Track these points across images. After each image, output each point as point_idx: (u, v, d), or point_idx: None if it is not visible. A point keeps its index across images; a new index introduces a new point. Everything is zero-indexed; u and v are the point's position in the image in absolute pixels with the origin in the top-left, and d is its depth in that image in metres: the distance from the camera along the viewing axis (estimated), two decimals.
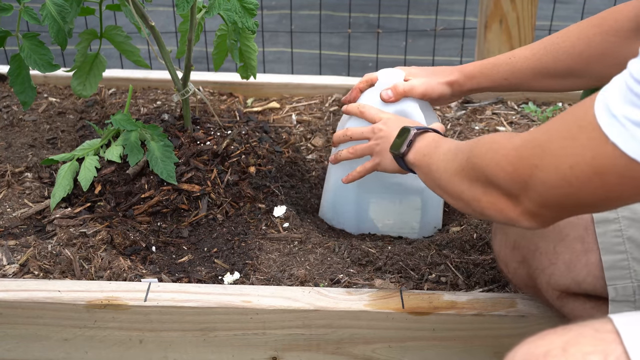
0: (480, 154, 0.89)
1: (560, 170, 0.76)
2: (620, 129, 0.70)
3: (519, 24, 1.95)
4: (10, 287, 1.12)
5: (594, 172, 0.73)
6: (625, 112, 0.69)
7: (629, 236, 0.96)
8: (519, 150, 0.82)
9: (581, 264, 0.98)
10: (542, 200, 0.81)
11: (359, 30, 3.47)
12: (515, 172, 0.82)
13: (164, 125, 1.43)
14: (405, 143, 1.10)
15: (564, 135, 0.76)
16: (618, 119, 0.70)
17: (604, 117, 0.71)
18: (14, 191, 1.38)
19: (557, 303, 1.03)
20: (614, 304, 0.96)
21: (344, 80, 1.77)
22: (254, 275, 1.21)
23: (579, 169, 0.74)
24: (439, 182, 1.00)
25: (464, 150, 0.94)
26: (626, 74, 0.70)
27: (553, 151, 0.77)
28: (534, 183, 0.80)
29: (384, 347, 1.13)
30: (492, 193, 0.87)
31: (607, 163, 0.72)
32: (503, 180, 0.84)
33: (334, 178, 1.36)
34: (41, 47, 1.32)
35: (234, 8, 1.26)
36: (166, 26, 3.28)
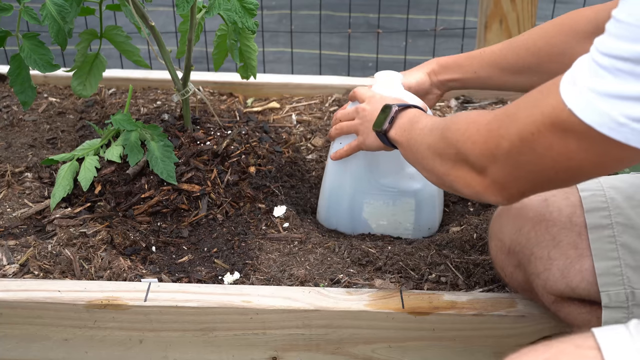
0: (454, 129, 0.91)
1: (523, 137, 0.79)
2: (578, 96, 0.72)
3: (519, 24, 1.95)
4: (10, 287, 1.12)
5: (555, 136, 0.75)
6: (587, 81, 0.72)
7: (622, 242, 0.96)
8: (490, 123, 0.85)
9: (575, 270, 0.98)
10: (507, 170, 0.83)
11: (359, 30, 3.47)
12: (485, 144, 0.84)
13: (164, 125, 1.43)
14: (387, 120, 1.13)
15: (529, 104, 0.79)
16: (578, 87, 0.72)
17: (565, 86, 0.74)
18: (14, 191, 1.38)
19: (552, 307, 1.03)
20: (607, 310, 0.96)
21: (344, 80, 1.77)
22: (254, 275, 1.21)
23: (540, 135, 0.77)
24: (416, 157, 1.03)
25: (439, 126, 0.96)
26: (592, 49, 0.73)
27: (518, 120, 0.80)
28: (500, 153, 0.82)
29: (384, 347, 1.13)
30: (461, 167, 0.90)
31: (565, 128, 0.74)
32: (472, 153, 0.86)
33: (329, 179, 1.36)
34: (41, 47, 1.32)
35: (234, 8, 1.26)
36: (166, 26, 3.28)
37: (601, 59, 0.71)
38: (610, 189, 0.99)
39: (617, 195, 0.98)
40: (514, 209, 1.05)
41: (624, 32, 0.69)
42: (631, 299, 0.95)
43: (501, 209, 1.09)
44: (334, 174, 1.35)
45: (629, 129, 0.69)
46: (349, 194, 1.34)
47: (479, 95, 1.76)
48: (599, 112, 0.70)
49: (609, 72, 0.70)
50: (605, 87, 0.70)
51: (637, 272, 0.95)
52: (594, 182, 1.01)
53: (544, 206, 1.02)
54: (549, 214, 1.01)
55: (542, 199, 1.03)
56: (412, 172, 1.32)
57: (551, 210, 1.01)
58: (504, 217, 1.07)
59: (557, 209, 1.01)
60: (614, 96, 0.69)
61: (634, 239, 0.96)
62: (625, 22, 0.69)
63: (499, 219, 1.08)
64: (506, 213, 1.07)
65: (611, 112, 0.69)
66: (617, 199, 0.98)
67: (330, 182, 1.36)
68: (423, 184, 1.34)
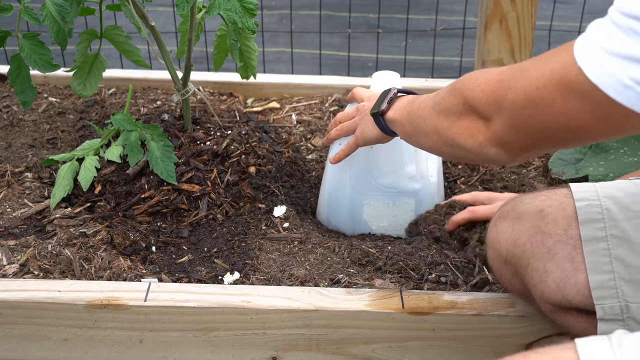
0: (464, 80, 0.92)
1: (528, 90, 0.79)
2: (590, 55, 0.72)
3: (519, 23, 1.95)
4: (10, 287, 1.12)
5: (558, 94, 0.75)
6: (600, 39, 0.71)
7: (616, 255, 0.94)
8: (502, 73, 0.85)
9: (570, 283, 0.97)
10: (509, 122, 0.83)
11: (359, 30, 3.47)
12: (492, 93, 0.85)
13: (164, 125, 1.43)
14: (385, 100, 1.14)
15: (543, 60, 0.79)
16: (591, 45, 0.72)
17: (579, 44, 0.73)
18: (14, 191, 1.38)
19: (550, 315, 1.02)
20: (602, 323, 0.95)
21: (344, 80, 1.77)
22: (254, 275, 1.21)
23: (544, 90, 0.77)
24: (416, 123, 1.03)
25: (448, 86, 0.98)
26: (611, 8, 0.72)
27: (528, 74, 0.80)
28: (505, 104, 0.82)
29: (384, 347, 1.13)
30: (467, 117, 0.90)
31: (571, 86, 0.73)
32: (479, 102, 0.87)
33: (329, 180, 1.36)
34: (41, 47, 1.32)
35: (234, 8, 1.26)
36: (166, 26, 3.28)
37: (618, 18, 0.70)
38: (606, 198, 0.97)
39: (612, 206, 0.96)
40: (509, 218, 1.04)
41: None
42: (626, 312, 0.93)
43: (497, 218, 1.07)
44: (333, 174, 1.35)
45: (634, 92, 0.68)
46: (348, 195, 1.34)
47: None
48: (608, 72, 0.69)
49: (623, 31, 0.69)
50: (616, 46, 0.69)
51: (631, 285, 0.93)
52: (590, 189, 1.00)
53: (540, 217, 1.00)
54: (544, 225, 0.99)
55: (538, 210, 1.01)
56: (411, 172, 1.32)
57: (547, 222, 0.99)
58: (499, 227, 1.05)
59: (553, 220, 0.99)
60: (623, 57, 0.69)
61: (629, 252, 0.94)
62: None
63: (495, 229, 1.06)
64: (502, 223, 1.05)
65: (619, 73, 0.69)
66: (612, 210, 0.96)
67: (330, 183, 1.36)
68: (423, 184, 1.34)
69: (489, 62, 2.02)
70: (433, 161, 1.37)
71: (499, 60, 2.01)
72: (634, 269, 0.93)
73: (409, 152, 1.31)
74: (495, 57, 2.01)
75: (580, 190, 1.00)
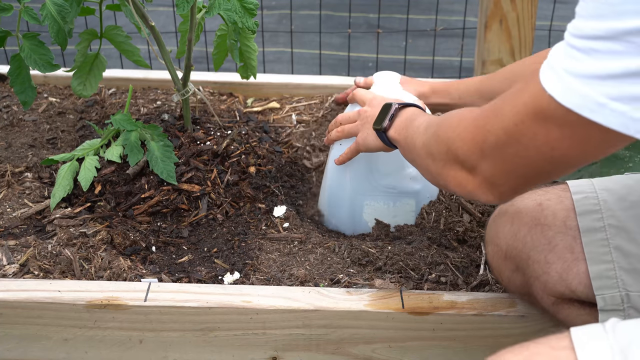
0: (444, 126, 0.92)
1: (507, 129, 0.79)
2: (557, 81, 0.72)
3: (519, 23, 1.95)
4: (10, 287, 1.12)
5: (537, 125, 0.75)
6: (563, 64, 0.71)
7: (615, 245, 0.95)
8: (477, 119, 0.85)
9: (573, 273, 0.98)
10: (495, 164, 0.83)
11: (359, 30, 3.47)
12: (472, 140, 0.85)
13: (164, 125, 1.43)
14: (387, 118, 1.14)
15: (512, 96, 0.79)
16: (556, 72, 0.72)
17: (544, 73, 0.74)
18: (14, 191, 1.38)
19: (552, 309, 1.03)
20: (603, 313, 0.96)
21: (344, 80, 1.77)
22: (254, 275, 1.21)
23: (523, 125, 0.77)
24: (412, 155, 1.04)
25: (433, 124, 0.97)
26: (566, 33, 0.73)
27: (502, 113, 0.80)
28: (487, 148, 0.82)
29: (384, 347, 1.13)
30: (452, 166, 0.90)
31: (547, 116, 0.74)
32: (461, 150, 0.87)
33: (329, 180, 1.36)
34: (41, 47, 1.32)
35: (234, 8, 1.26)
36: (166, 26, 3.28)
37: (575, 41, 0.70)
38: (602, 190, 0.99)
39: (609, 197, 0.98)
40: (509, 213, 1.05)
41: (591, 11, 0.68)
42: (626, 301, 0.94)
43: (496, 214, 1.09)
44: (334, 174, 1.35)
45: (608, 109, 0.68)
46: (349, 195, 1.34)
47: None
48: (578, 94, 0.69)
49: (584, 52, 0.69)
50: (582, 68, 0.69)
51: (630, 274, 0.94)
52: (586, 184, 1.01)
53: (539, 210, 1.01)
54: (543, 218, 1.01)
55: (537, 204, 1.02)
56: (412, 173, 1.32)
57: (546, 215, 1.01)
58: (499, 223, 1.07)
59: (552, 213, 1.00)
60: (592, 77, 0.68)
61: (627, 241, 0.95)
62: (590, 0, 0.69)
63: (495, 224, 1.08)
64: (501, 218, 1.07)
65: (590, 93, 0.69)
66: (609, 201, 0.97)
67: (330, 183, 1.36)
68: (423, 185, 1.34)
69: (489, 62, 2.02)
70: None
71: (499, 60, 2.01)
72: (633, 257, 0.94)
73: None
74: (495, 57, 2.01)
75: (576, 184, 1.02)
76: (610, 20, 0.67)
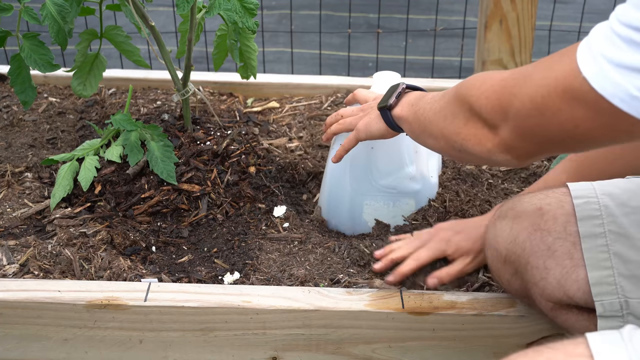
0: (469, 85, 0.92)
1: (533, 99, 0.79)
2: (594, 65, 0.72)
3: (519, 23, 1.95)
4: (10, 287, 1.12)
5: (564, 102, 0.75)
6: (603, 49, 0.71)
7: (615, 251, 0.94)
8: (505, 80, 0.85)
9: (571, 280, 0.97)
10: (516, 129, 0.83)
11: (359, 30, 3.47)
12: (498, 100, 0.85)
13: (164, 125, 1.43)
14: (394, 95, 1.13)
15: (546, 66, 0.79)
16: (594, 55, 0.72)
17: (582, 53, 0.73)
18: (14, 191, 1.38)
19: (550, 314, 1.02)
20: (602, 320, 0.95)
21: (344, 80, 1.77)
22: (254, 275, 1.21)
23: (549, 99, 0.77)
24: (423, 125, 1.03)
25: (451, 90, 0.98)
26: (612, 16, 0.72)
27: (532, 81, 0.80)
28: (511, 112, 0.83)
29: (384, 347, 1.13)
30: (474, 124, 0.90)
31: (577, 96, 0.74)
32: (485, 109, 0.87)
33: (329, 180, 1.36)
34: (41, 47, 1.32)
35: (234, 8, 1.26)
36: (166, 26, 3.28)
37: (619, 28, 0.70)
38: (604, 195, 0.98)
39: (610, 202, 0.97)
40: (508, 217, 1.04)
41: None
42: (625, 308, 0.94)
43: (496, 218, 1.07)
44: (334, 174, 1.35)
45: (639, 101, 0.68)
46: (348, 195, 1.34)
47: None
48: (612, 82, 0.70)
49: (624, 41, 0.69)
50: (621, 57, 0.69)
51: (630, 281, 0.94)
52: (588, 187, 1.00)
53: (539, 215, 1.00)
54: (543, 223, 1.00)
55: (537, 208, 1.01)
56: (412, 173, 1.32)
57: (546, 219, 1.00)
58: (498, 227, 1.05)
59: (552, 218, 0.99)
60: (628, 67, 0.69)
61: (627, 247, 0.94)
62: None
63: (494, 228, 1.07)
64: (501, 222, 1.05)
65: (624, 84, 0.69)
66: (610, 206, 0.96)
67: (330, 183, 1.36)
68: (423, 184, 1.34)
69: (489, 62, 2.02)
70: (433, 162, 1.37)
71: (499, 60, 2.01)
72: (633, 264, 0.94)
73: (409, 153, 1.31)
74: (495, 57, 2.01)
75: (577, 188, 1.01)
76: None
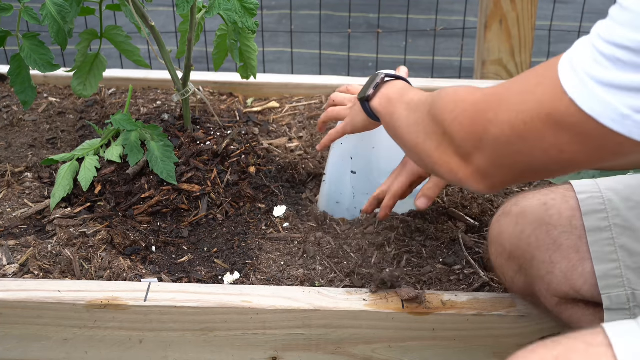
0: (441, 106, 0.88)
1: (514, 125, 0.75)
2: (580, 85, 0.69)
3: (519, 23, 1.95)
4: (10, 287, 1.12)
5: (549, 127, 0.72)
6: (588, 69, 0.69)
7: (621, 244, 0.95)
8: (478, 104, 0.81)
9: (578, 273, 0.97)
10: (493, 157, 0.79)
11: (359, 30, 3.47)
12: (471, 127, 0.81)
13: (164, 125, 1.43)
14: (371, 86, 1.11)
15: (523, 89, 0.75)
16: (579, 75, 0.69)
17: (565, 73, 0.71)
18: (14, 191, 1.38)
19: (556, 309, 1.03)
20: (609, 313, 0.95)
21: (344, 80, 1.77)
22: (254, 275, 1.21)
23: (533, 125, 0.73)
24: (398, 131, 1.00)
25: (427, 102, 0.94)
26: (593, 33, 0.70)
27: (509, 106, 0.76)
28: (487, 139, 0.79)
29: (384, 347, 1.13)
30: (445, 150, 0.86)
31: (562, 119, 0.70)
32: (458, 135, 0.83)
33: (330, 179, 1.36)
34: (41, 47, 1.32)
35: (234, 8, 1.26)
36: (166, 26, 3.28)
37: (602, 46, 0.68)
38: (607, 190, 0.98)
39: (614, 196, 0.97)
40: (513, 213, 1.04)
41: (627, 20, 0.66)
42: (632, 301, 0.94)
43: (500, 215, 1.08)
44: (334, 173, 1.35)
45: (632, 121, 0.66)
46: (349, 195, 1.34)
47: None
48: (601, 102, 0.67)
49: (610, 60, 0.67)
50: (608, 76, 0.67)
51: (636, 273, 0.94)
52: (590, 184, 1.01)
53: (544, 210, 1.01)
54: (548, 217, 1.00)
55: (542, 203, 1.02)
56: None
57: (551, 214, 1.00)
58: (503, 223, 1.06)
59: (557, 213, 1.00)
60: (617, 87, 0.67)
61: (632, 240, 0.95)
62: (631, 9, 0.66)
63: (498, 224, 1.07)
64: (505, 218, 1.06)
65: (614, 103, 0.67)
66: (614, 200, 0.97)
67: (330, 182, 1.36)
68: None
69: (489, 62, 2.03)
70: None
71: (499, 60, 2.02)
72: (639, 256, 0.94)
73: None
74: (495, 57, 2.01)
75: (580, 184, 1.01)
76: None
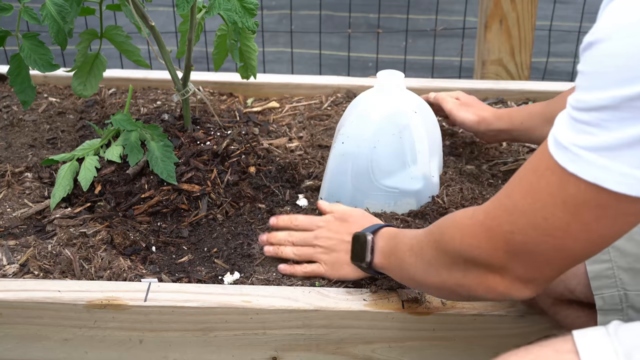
0: (448, 239, 0.87)
1: (537, 225, 0.75)
2: (576, 159, 0.70)
3: (519, 24, 1.95)
4: (10, 287, 1.12)
5: (569, 214, 0.72)
6: (576, 141, 0.69)
7: (613, 245, 0.95)
8: (485, 223, 0.81)
9: (572, 273, 0.98)
10: (528, 262, 0.79)
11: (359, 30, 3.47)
12: (490, 245, 0.80)
13: (164, 125, 1.43)
14: (367, 251, 1.08)
15: (527, 189, 0.76)
16: (571, 150, 0.70)
17: (559, 154, 0.71)
18: (14, 191, 1.38)
19: (551, 310, 1.03)
20: (602, 314, 0.96)
21: (344, 80, 1.77)
22: (254, 275, 1.21)
23: (554, 218, 0.73)
24: (416, 278, 0.97)
25: (428, 241, 0.92)
26: (567, 107, 0.71)
27: (521, 210, 0.76)
28: (515, 249, 0.78)
29: (384, 347, 1.13)
30: (475, 273, 0.85)
31: (576, 199, 0.71)
32: (480, 257, 0.82)
33: (330, 179, 1.36)
34: (41, 47, 1.32)
35: (234, 8, 1.26)
36: (166, 26, 3.28)
37: (582, 115, 0.69)
38: None
39: None
40: None
41: (591, 82, 0.68)
42: (625, 301, 0.94)
43: None
44: (334, 174, 1.35)
45: (633, 178, 0.67)
46: (349, 194, 1.34)
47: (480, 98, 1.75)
48: (601, 167, 0.68)
49: (595, 125, 0.68)
50: (597, 141, 0.68)
51: (629, 273, 0.95)
52: None
53: None
54: None
55: None
56: (414, 172, 1.32)
57: None
58: None
59: None
60: (607, 148, 0.67)
61: (625, 240, 0.95)
62: (586, 71, 0.69)
63: None
64: None
65: (612, 165, 0.67)
66: None
67: (330, 182, 1.36)
68: (424, 184, 1.34)
69: (489, 62, 2.03)
70: (435, 161, 1.37)
71: (499, 60, 2.02)
72: (632, 257, 0.95)
73: (412, 152, 1.31)
74: (495, 57, 2.01)
75: None
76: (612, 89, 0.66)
